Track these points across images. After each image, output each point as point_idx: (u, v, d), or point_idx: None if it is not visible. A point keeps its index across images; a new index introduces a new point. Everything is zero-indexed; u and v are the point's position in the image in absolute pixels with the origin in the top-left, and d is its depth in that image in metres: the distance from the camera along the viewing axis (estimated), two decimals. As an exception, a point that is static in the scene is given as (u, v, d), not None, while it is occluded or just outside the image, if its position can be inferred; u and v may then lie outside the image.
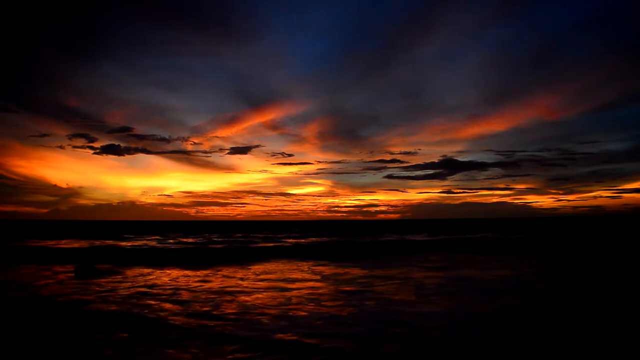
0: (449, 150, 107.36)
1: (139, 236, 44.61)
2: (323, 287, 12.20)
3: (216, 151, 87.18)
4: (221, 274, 15.45)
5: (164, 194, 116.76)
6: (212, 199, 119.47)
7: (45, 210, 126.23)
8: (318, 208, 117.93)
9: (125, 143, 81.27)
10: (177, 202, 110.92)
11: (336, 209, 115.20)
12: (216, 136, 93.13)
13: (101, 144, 78.85)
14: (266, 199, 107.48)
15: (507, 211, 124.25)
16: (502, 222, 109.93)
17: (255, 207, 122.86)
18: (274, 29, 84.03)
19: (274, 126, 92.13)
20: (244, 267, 17.60)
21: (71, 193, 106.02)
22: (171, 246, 29.98)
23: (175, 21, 73.86)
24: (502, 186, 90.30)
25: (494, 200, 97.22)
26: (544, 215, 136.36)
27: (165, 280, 13.69)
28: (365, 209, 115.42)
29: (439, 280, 13.38)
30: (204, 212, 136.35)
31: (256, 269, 17.13)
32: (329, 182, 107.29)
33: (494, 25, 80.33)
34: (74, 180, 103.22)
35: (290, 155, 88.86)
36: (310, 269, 17.03)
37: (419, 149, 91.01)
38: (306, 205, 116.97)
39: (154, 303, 9.74)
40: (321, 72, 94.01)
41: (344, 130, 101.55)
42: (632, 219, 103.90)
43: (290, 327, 7.44)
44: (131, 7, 73.17)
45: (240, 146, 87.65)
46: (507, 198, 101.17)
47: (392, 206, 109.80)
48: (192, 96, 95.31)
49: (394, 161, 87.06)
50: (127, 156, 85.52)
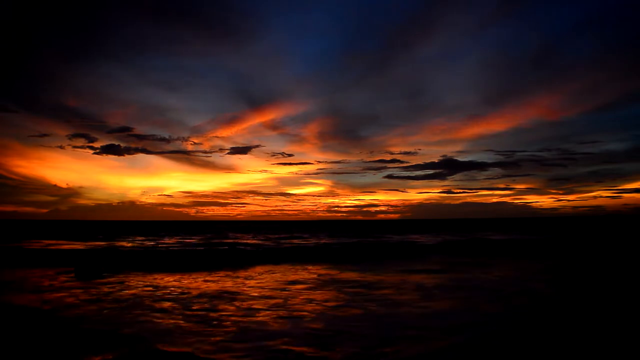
0: (449, 150, 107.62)
1: (140, 236, 44.43)
2: (326, 294, 12.02)
3: (216, 151, 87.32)
4: (225, 276, 15.29)
5: (164, 194, 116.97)
6: (212, 199, 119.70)
7: (45, 210, 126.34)
8: (318, 208, 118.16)
9: (125, 143, 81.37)
10: (177, 202, 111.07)
11: (336, 209, 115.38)
12: (216, 136, 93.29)
13: (101, 144, 79.00)
14: (266, 199, 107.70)
15: (507, 211, 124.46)
16: (502, 222, 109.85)
17: (255, 207, 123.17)
18: (274, 29, 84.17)
19: (274, 126, 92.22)
20: (241, 272, 17.40)
21: (71, 193, 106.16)
22: (171, 247, 29.80)
23: (175, 21, 73.87)
24: (502, 186, 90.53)
25: (494, 200, 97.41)
26: (544, 215, 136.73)
27: (164, 284, 13.52)
28: (365, 209, 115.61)
29: (443, 282, 13.20)
30: (204, 212, 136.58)
31: (253, 274, 16.92)
32: (329, 182, 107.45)
33: (494, 25, 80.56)
34: (74, 180, 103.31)
35: (290, 155, 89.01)
36: (314, 272, 16.84)
37: (419, 149, 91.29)
38: (306, 205, 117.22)
39: (155, 305, 9.59)
40: (321, 72, 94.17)
41: (344, 130, 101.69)
42: (632, 219, 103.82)
43: (293, 337, 7.27)
44: (131, 7, 73.18)
45: (240, 146, 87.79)
46: (507, 198, 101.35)
47: (392, 206, 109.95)
48: (192, 96, 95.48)
49: (394, 161, 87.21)
50: (127, 156, 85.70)
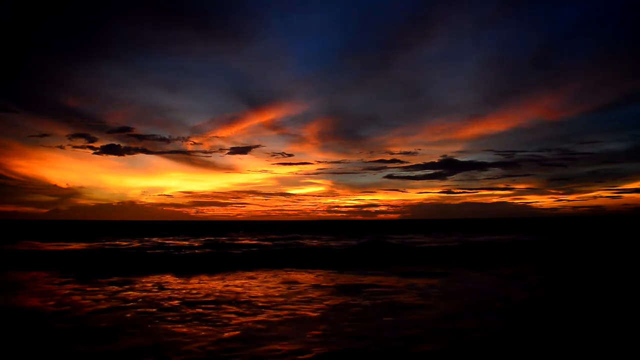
0: (449, 150, 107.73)
1: (140, 236, 44.37)
2: (327, 294, 11.97)
3: (216, 151, 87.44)
4: (230, 277, 15.25)
5: (164, 194, 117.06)
6: (212, 199, 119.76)
7: (45, 210, 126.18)
8: (318, 208, 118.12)
9: (125, 143, 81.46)
10: (177, 202, 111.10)
11: (336, 209, 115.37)
12: (216, 136, 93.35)
13: (101, 144, 79.10)
14: (266, 199, 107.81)
15: (507, 211, 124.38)
16: (502, 222, 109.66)
17: (255, 207, 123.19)
18: (274, 29, 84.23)
19: (274, 126, 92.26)
20: (246, 273, 17.36)
21: (71, 193, 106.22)
22: (171, 248, 29.73)
23: (175, 21, 73.89)
24: (502, 186, 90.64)
25: (494, 200, 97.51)
26: (544, 215, 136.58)
27: (167, 285, 13.48)
28: (365, 209, 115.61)
29: (443, 284, 13.16)
30: (204, 212, 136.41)
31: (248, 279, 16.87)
32: (329, 182, 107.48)
33: (494, 25, 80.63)
34: (74, 180, 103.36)
35: (290, 155, 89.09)
36: (314, 274, 16.77)
37: (419, 149, 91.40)
38: (306, 205, 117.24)
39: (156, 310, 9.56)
40: (321, 72, 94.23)
41: (344, 130, 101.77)
42: (632, 219, 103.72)
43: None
44: (131, 7, 73.19)
45: (240, 146, 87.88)
46: (507, 198, 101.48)
47: (392, 206, 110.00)
48: (192, 96, 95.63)
49: (394, 161, 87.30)
50: (127, 156, 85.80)
